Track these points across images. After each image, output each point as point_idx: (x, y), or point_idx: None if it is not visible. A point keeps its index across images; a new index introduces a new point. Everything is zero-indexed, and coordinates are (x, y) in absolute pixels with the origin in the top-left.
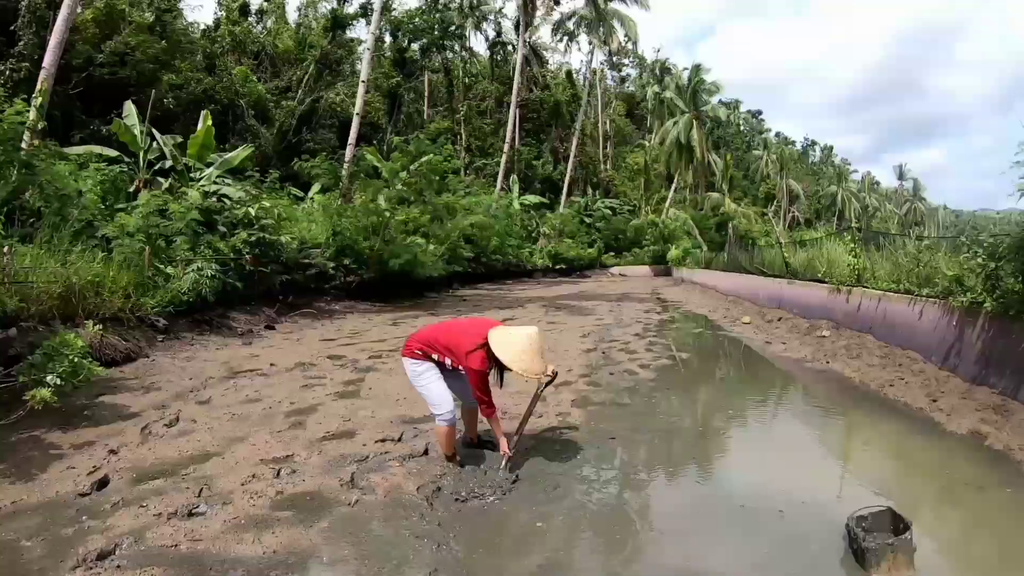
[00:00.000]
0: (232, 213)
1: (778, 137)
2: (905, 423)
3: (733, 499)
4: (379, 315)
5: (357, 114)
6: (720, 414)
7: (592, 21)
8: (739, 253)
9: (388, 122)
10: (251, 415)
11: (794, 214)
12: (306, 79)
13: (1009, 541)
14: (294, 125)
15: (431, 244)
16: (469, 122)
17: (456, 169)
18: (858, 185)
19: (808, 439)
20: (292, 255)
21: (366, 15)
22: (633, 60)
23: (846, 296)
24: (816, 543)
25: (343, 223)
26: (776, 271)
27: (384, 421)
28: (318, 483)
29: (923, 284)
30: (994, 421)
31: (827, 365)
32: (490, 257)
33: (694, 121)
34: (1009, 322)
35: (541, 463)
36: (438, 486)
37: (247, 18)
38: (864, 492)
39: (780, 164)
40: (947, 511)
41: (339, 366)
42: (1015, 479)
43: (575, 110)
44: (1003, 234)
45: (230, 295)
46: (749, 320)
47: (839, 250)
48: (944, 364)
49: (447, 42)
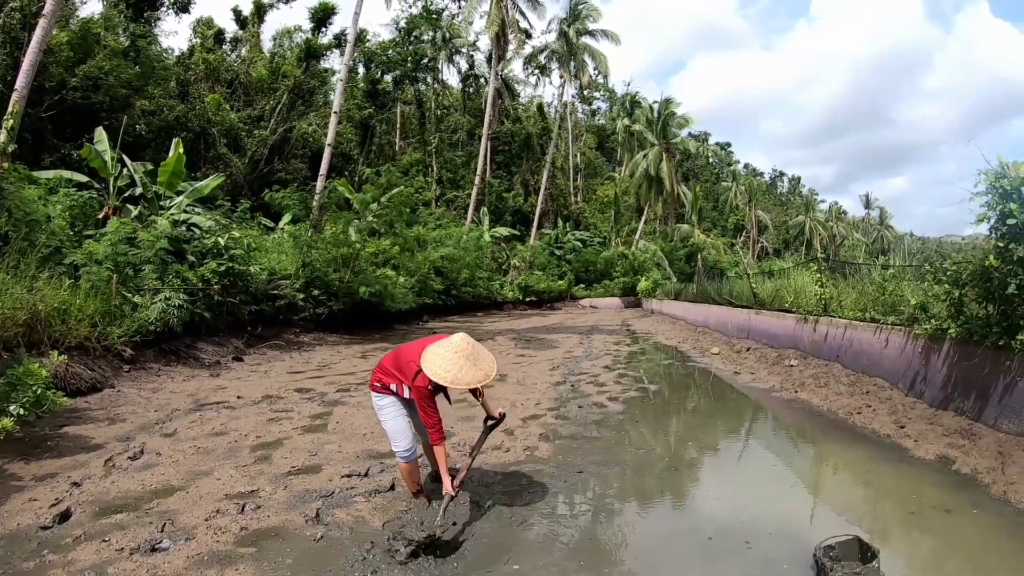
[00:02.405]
0: (201, 243)
1: (747, 168)
2: (873, 450)
3: (701, 531)
4: (348, 347)
5: (329, 145)
6: (689, 445)
7: (563, 55)
8: (708, 284)
9: (360, 153)
10: (216, 448)
11: (763, 244)
12: (279, 108)
13: (977, 563)
14: (266, 155)
15: (401, 276)
16: (440, 154)
17: (427, 201)
18: (825, 215)
19: (776, 468)
20: (261, 286)
21: (340, 46)
22: (604, 93)
23: (813, 325)
24: (784, 574)
25: (313, 254)
26: (744, 301)
27: (351, 456)
28: (283, 518)
29: (888, 312)
30: (961, 445)
31: (795, 394)
32: (460, 289)
33: (663, 153)
34: (973, 347)
35: (509, 498)
36: (402, 524)
37: (222, 46)
38: (833, 520)
39: (749, 195)
40: (916, 536)
41: (307, 399)
42: (983, 501)
43: (546, 143)
44: (966, 261)
45: (198, 325)
46: (718, 351)
47: (806, 280)
48: (911, 390)
49: (420, 74)
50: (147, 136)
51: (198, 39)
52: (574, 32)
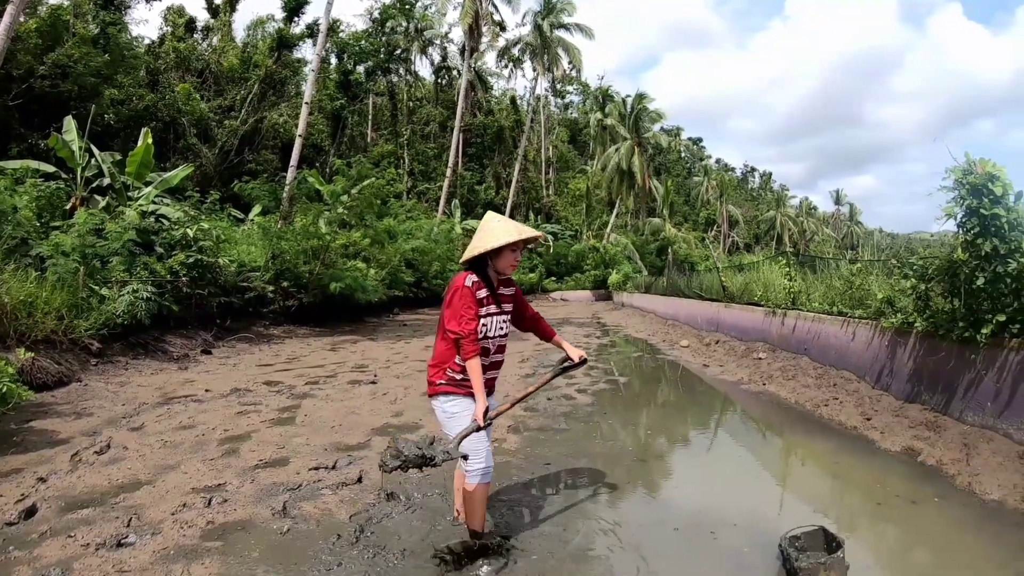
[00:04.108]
0: (170, 234)
1: (718, 164)
2: (840, 441)
3: (667, 523)
4: (318, 340)
5: (300, 136)
6: (657, 437)
7: (537, 48)
8: (678, 277)
9: (331, 144)
10: (184, 442)
11: (733, 239)
12: (250, 99)
13: (942, 553)
14: (236, 145)
15: (372, 268)
16: (412, 146)
17: (398, 193)
18: (796, 210)
19: (744, 460)
20: (230, 278)
21: (312, 36)
22: (577, 87)
23: (782, 319)
24: (750, 564)
25: (283, 246)
26: (714, 295)
27: (318, 449)
28: (249, 512)
29: (856, 306)
30: (927, 437)
31: (763, 387)
32: (431, 282)
33: (636, 148)
34: (939, 341)
35: None
36: (369, 517)
37: (193, 35)
38: (799, 511)
39: (720, 190)
40: (882, 526)
41: (275, 392)
42: (948, 492)
43: (518, 136)
44: (932, 256)
45: (166, 318)
46: (687, 343)
47: (775, 274)
48: (877, 383)
49: (392, 65)
50: (116, 126)
51: (169, 27)
52: (548, 25)
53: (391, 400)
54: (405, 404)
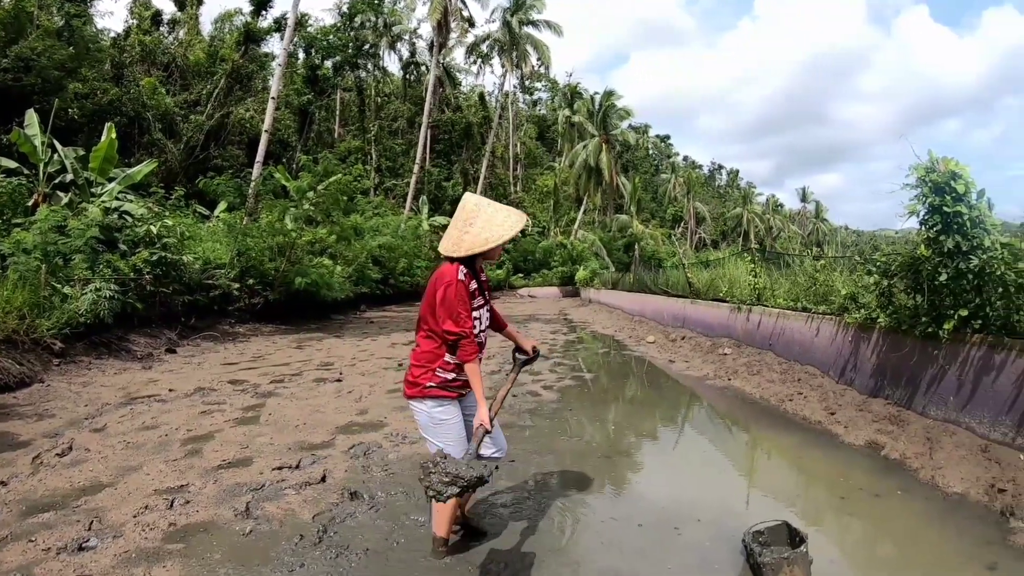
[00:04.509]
0: (133, 231)
1: (686, 161)
2: (804, 436)
3: (632, 519)
4: (284, 338)
5: (266, 131)
6: (622, 433)
7: (506, 45)
8: (645, 274)
9: (298, 140)
10: (146, 443)
11: (700, 235)
12: (216, 93)
13: (905, 546)
14: (202, 140)
15: (338, 265)
16: (380, 142)
17: (365, 189)
18: (763, 207)
19: (709, 455)
20: (195, 275)
21: (280, 30)
22: (545, 84)
23: (747, 315)
24: (714, 559)
25: (248, 243)
26: (680, 291)
27: (282, 448)
28: (212, 513)
29: (820, 302)
30: (890, 431)
31: (729, 382)
32: (398, 279)
33: (603, 144)
34: (902, 336)
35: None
36: (332, 517)
37: (159, 28)
38: (764, 506)
39: (687, 187)
40: (845, 520)
41: (239, 391)
42: (911, 485)
43: (486, 132)
44: (895, 253)
45: (130, 317)
46: (653, 339)
47: (740, 270)
48: (841, 378)
49: (360, 61)
50: (79, 120)
51: (135, 20)
52: (517, 22)
53: (356, 398)
54: (370, 402)
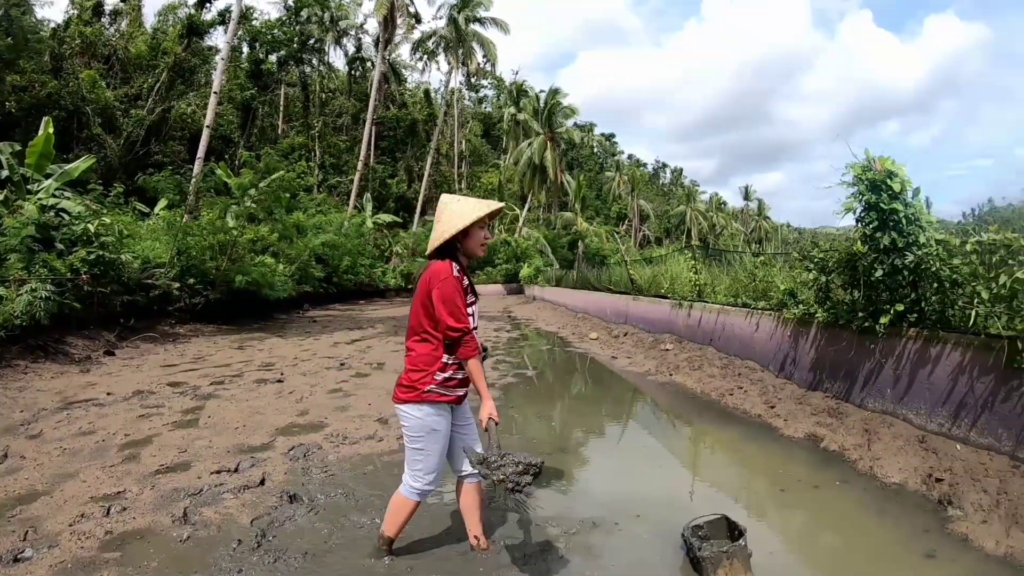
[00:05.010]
0: (71, 229)
1: (630, 159)
2: (745, 430)
3: (571, 515)
4: (225, 338)
5: (207, 126)
6: (566, 430)
7: (452, 41)
8: (588, 271)
9: (241, 136)
10: (83, 449)
11: (645, 232)
12: (158, 87)
13: (845, 536)
14: (142, 136)
15: (280, 264)
16: (324, 138)
17: (309, 187)
18: (706, 205)
19: (650, 450)
20: (134, 275)
21: (224, 23)
22: (491, 81)
23: (688, 311)
24: (653, 555)
25: (188, 241)
26: (623, 288)
27: (221, 451)
28: (149, 520)
29: (759, 298)
30: (829, 424)
31: (670, 377)
32: (342, 277)
33: (548, 142)
34: (840, 331)
35: (378, 490)
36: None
37: (100, 19)
38: (704, 499)
39: (632, 185)
40: (785, 512)
41: (179, 393)
42: (850, 476)
43: (431, 129)
44: (833, 250)
45: (67, 318)
46: (596, 336)
47: (681, 267)
48: (781, 372)
49: (305, 56)
50: (16, 114)
51: (75, 10)
52: (464, 19)
53: (297, 399)
54: (311, 403)
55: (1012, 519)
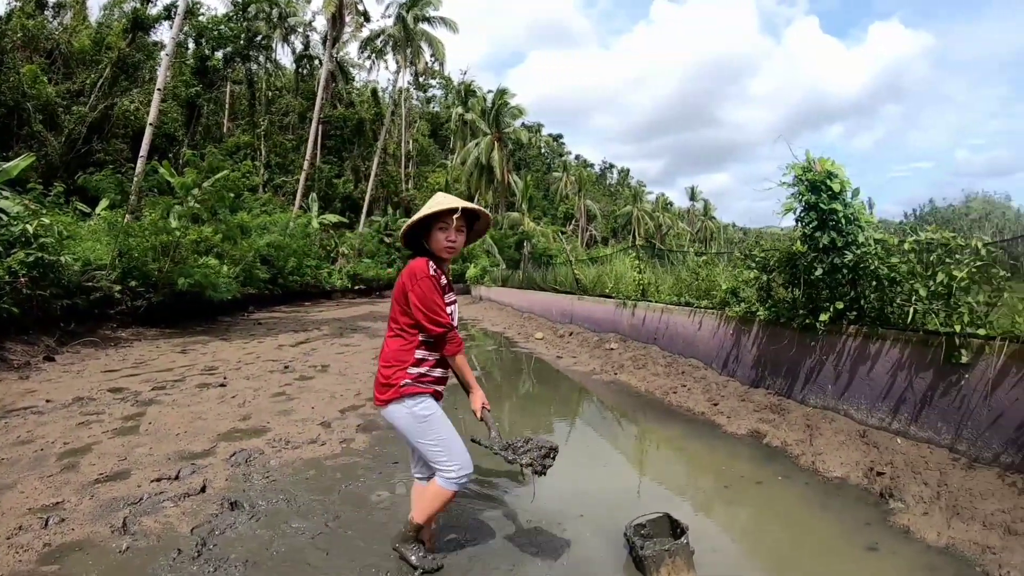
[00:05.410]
0: (8, 230)
1: (577, 160)
2: (688, 427)
3: (515, 517)
4: (168, 342)
5: (151, 124)
6: (510, 430)
7: (400, 40)
8: (534, 271)
9: (185, 134)
10: (21, 459)
11: (591, 232)
12: (101, 83)
13: (788, 531)
14: (84, 133)
15: (225, 265)
16: (270, 137)
17: (254, 186)
18: (652, 205)
19: (595, 449)
20: (75, 278)
21: (170, 17)
22: (440, 81)
23: (632, 310)
24: (596, 555)
25: (131, 242)
26: (568, 287)
27: (161, 458)
28: (88, 531)
29: (703, 297)
30: (771, 420)
31: (615, 376)
32: (288, 278)
33: (496, 143)
34: (781, 328)
35: (320, 495)
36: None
37: (43, 11)
38: (648, 498)
39: (579, 185)
40: (729, 508)
41: (119, 400)
42: (792, 472)
43: (378, 128)
44: (774, 249)
45: (5, 323)
46: (542, 336)
47: (626, 266)
48: (724, 370)
49: (252, 53)
50: None
51: (18, 2)
52: (412, 18)
53: (239, 403)
54: (253, 407)
55: (952, 510)
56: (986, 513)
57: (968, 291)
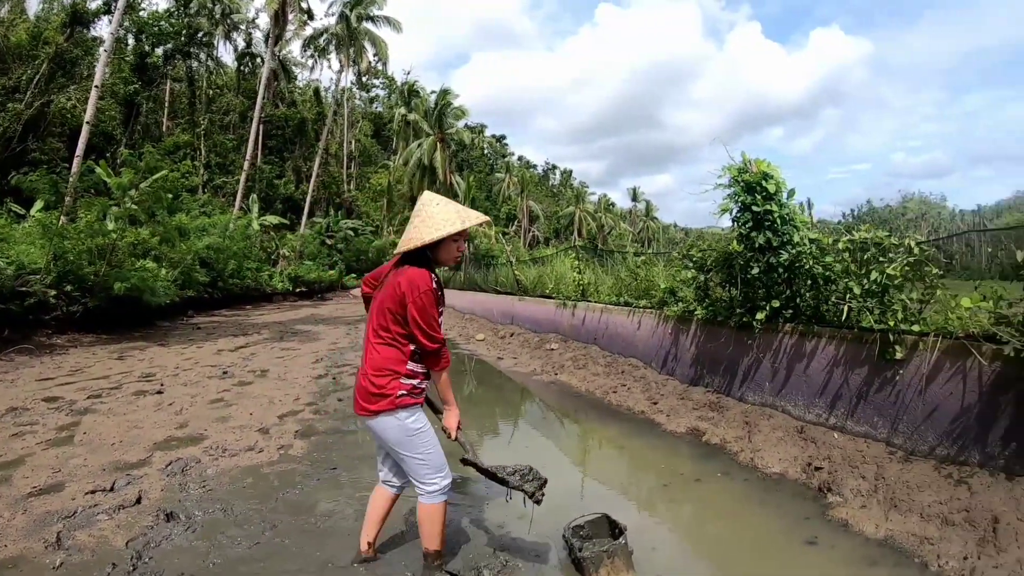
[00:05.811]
0: None
1: (520, 161)
2: (628, 426)
3: (454, 520)
4: (104, 348)
5: (88, 122)
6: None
7: (343, 39)
8: (475, 272)
9: (123, 133)
10: None
11: (534, 233)
12: (37, 79)
13: (726, 527)
14: (19, 131)
15: (163, 268)
16: (210, 137)
17: (193, 187)
18: (595, 206)
19: (534, 449)
20: (8, 282)
21: (110, 12)
22: (383, 81)
23: (572, 310)
24: (536, 557)
25: (65, 245)
26: (509, 288)
27: (96, 469)
28: (21, 547)
29: (641, 296)
30: (710, 418)
31: (555, 376)
32: (228, 281)
33: (439, 143)
34: (718, 327)
35: (257, 503)
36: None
37: None
38: (588, 498)
39: (521, 186)
40: (668, 506)
41: (54, 409)
42: (730, 468)
43: (320, 128)
44: (711, 249)
45: None
46: (483, 337)
47: (566, 267)
48: (663, 369)
49: (193, 50)
50: None
51: None
52: (356, 16)
53: (176, 411)
54: (191, 415)
55: (890, 503)
56: (923, 505)
57: (902, 289)
